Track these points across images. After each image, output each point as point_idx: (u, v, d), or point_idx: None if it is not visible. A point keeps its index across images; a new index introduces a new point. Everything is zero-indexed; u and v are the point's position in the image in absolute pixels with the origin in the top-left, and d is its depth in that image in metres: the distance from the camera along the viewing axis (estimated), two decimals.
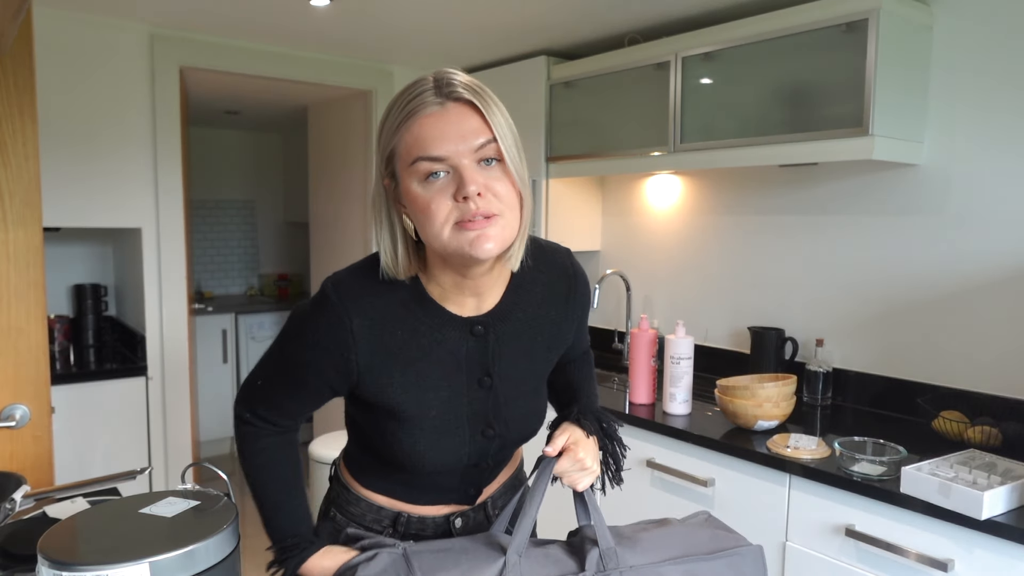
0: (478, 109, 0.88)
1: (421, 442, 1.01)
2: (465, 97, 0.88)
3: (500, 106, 0.91)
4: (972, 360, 1.99)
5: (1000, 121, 1.91)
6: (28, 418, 1.65)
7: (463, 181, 0.86)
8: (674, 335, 2.14)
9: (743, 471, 1.86)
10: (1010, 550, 1.41)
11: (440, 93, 0.88)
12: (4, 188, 1.60)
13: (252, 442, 1.08)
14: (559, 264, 1.12)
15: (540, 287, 1.08)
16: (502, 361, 1.05)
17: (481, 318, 1.02)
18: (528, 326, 1.07)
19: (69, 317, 3.19)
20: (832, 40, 1.92)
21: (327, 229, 3.88)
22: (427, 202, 0.88)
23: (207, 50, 2.80)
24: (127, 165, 2.68)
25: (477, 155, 0.88)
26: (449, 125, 0.87)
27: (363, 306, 0.96)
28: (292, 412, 1.06)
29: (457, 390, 1.02)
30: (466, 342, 1.01)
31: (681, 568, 0.81)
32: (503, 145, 0.88)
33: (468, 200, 0.86)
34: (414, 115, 0.88)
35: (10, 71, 1.59)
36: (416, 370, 0.99)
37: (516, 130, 0.93)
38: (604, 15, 2.43)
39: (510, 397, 1.06)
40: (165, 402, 2.78)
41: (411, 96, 0.89)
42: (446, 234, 0.89)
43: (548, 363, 1.12)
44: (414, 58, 3.14)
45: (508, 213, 0.90)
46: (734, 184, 2.55)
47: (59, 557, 0.78)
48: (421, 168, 0.88)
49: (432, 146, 0.87)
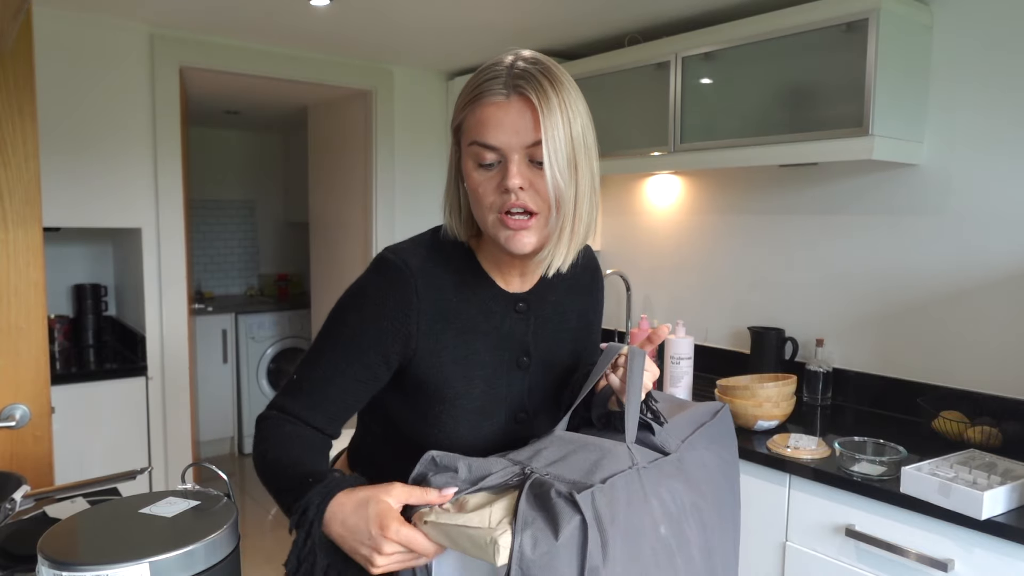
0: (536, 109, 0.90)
1: (463, 424, 1.01)
2: (528, 95, 0.90)
3: (567, 107, 0.90)
4: (972, 360, 1.99)
5: (1000, 121, 1.91)
6: (28, 418, 1.65)
7: (507, 174, 0.90)
8: (674, 335, 2.14)
9: (743, 471, 1.86)
10: (1010, 550, 1.41)
11: (508, 84, 0.91)
12: (4, 188, 1.60)
13: (274, 428, 0.99)
14: (584, 256, 1.15)
15: (570, 277, 1.10)
16: (539, 342, 1.07)
17: (524, 295, 1.06)
18: (559, 312, 1.10)
19: (69, 317, 3.19)
20: (832, 40, 1.92)
21: (327, 229, 3.88)
22: (477, 185, 0.93)
23: (207, 50, 2.80)
24: (127, 165, 2.68)
25: (528, 152, 0.90)
26: (508, 117, 0.90)
27: (424, 268, 0.99)
28: (329, 405, 0.99)
29: (498, 369, 1.04)
30: (509, 318, 1.04)
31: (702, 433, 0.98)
32: (547, 150, 0.89)
33: (509, 192, 0.90)
34: (480, 99, 0.92)
35: (10, 71, 1.59)
36: (466, 341, 1.01)
37: (588, 132, 0.93)
38: (604, 15, 2.43)
39: (542, 382, 1.08)
40: (165, 402, 2.78)
41: (484, 78, 0.92)
42: (489, 221, 0.94)
43: (574, 355, 1.14)
44: (414, 58, 3.14)
45: (547, 213, 0.93)
46: (734, 184, 2.55)
47: (59, 557, 0.78)
48: (476, 152, 0.92)
49: (488, 134, 0.91)
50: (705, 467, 0.94)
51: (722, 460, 0.98)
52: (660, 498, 0.86)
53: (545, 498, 0.79)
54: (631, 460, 0.87)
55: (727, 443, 1.01)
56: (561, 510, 0.78)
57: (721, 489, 0.96)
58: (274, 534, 3.52)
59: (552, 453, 0.88)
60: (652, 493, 0.85)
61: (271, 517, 3.71)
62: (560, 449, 0.89)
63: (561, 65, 0.98)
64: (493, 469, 0.85)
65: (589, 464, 0.85)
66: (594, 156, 0.96)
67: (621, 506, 0.81)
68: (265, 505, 3.84)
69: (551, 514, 0.78)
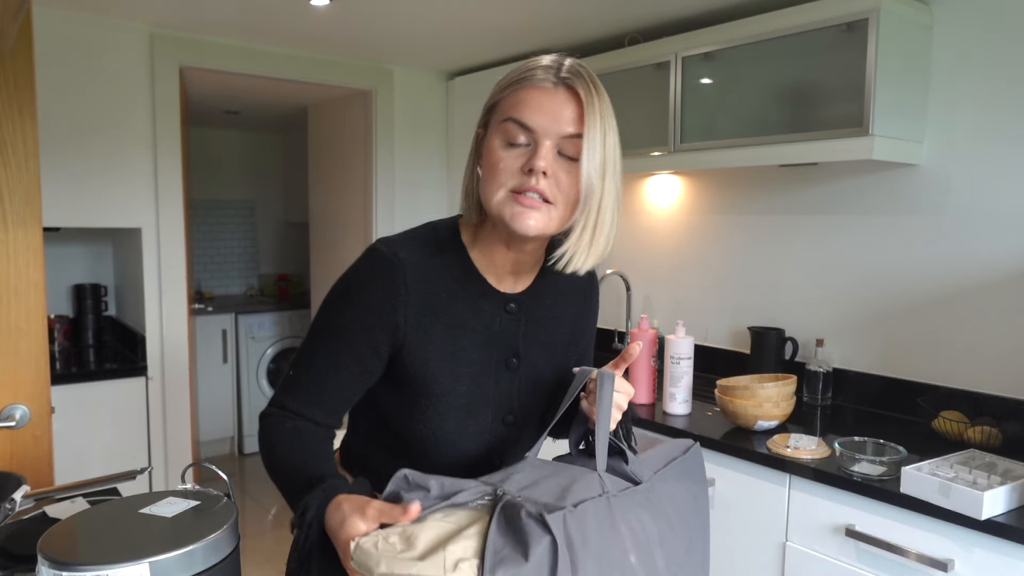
0: (581, 104, 0.91)
1: (448, 422, 1.01)
2: (576, 88, 0.91)
3: (607, 116, 0.93)
4: (972, 360, 1.99)
5: (1000, 121, 1.91)
6: (28, 418, 1.65)
7: (535, 155, 0.90)
8: (674, 335, 2.14)
9: (743, 471, 1.86)
10: (1010, 550, 1.41)
11: (558, 75, 0.92)
12: (4, 188, 1.60)
13: (277, 425, 0.99)
14: None
15: (564, 279, 1.10)
16: (529, 344, 1.07)
17: (516, 296, 1.05)
18: (553, 315, 1.10)
19: (69, 317, 3.19)
20: (832, 40, 1.92)
21: (327, 229, 3.88)
22: (497, 161, 0.93)
23: (207, 50, 2.80)
24: (127, 165, 2.68)
25: (560, 143, 0.91)
26: (551, 103, 0.91)
27: (413, 260, 0.98)
28: (327, 399, 0.99)
29: (485, 368, 1.03)
30: (500, 318, 1.04)
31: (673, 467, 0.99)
32: (586, 145, 0.91)
33: (532, 174, 0.90)
34: (527, 81, 0.93)
35: (10, 71, 1.59)
36: (454, 337, 1.01)
37: (617, 150, 0.95)
38: (604, 15, 2.43)
39: (531, 384, 1.08)
40: (165, 402, 2.78)
41: (534, 65, 0.94)
42: (500, 195, 0.93)
43: (566, 359, 1.14)
44: (414, 58, 3.14)
45: (562, 207, 0.93)
46: (734, 184, 2.55)
47: (59, 557, 0.78)
48: (509, 129, 0.92)
49: (527, 114, 0.91)
50: (674, 500, 0.95)
51: (692, 495, 0.99)
52: (630, 526, 0.86)
53: (515, 519, 0.78)
54: (601, 488, 0.87)
55: (698, 479, 1.02)
56: (531, 531, 0.77)
57: (690, 523, 0.96)
58: (274, 534, 3.52)
59: (524, 478, 0.87)
60: (622, 520, 0.85)
61: (271, 517, 3.71)
62: (532, 474, 0.88)
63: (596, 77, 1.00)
64: (464, 487, 0.84)
65: (560, 489, 0.85)
66: (620, 181, 0.97)
67: (592, 531, 0.81)
68: (265, 505, 3.84)
69: (520, 536, 0.77)
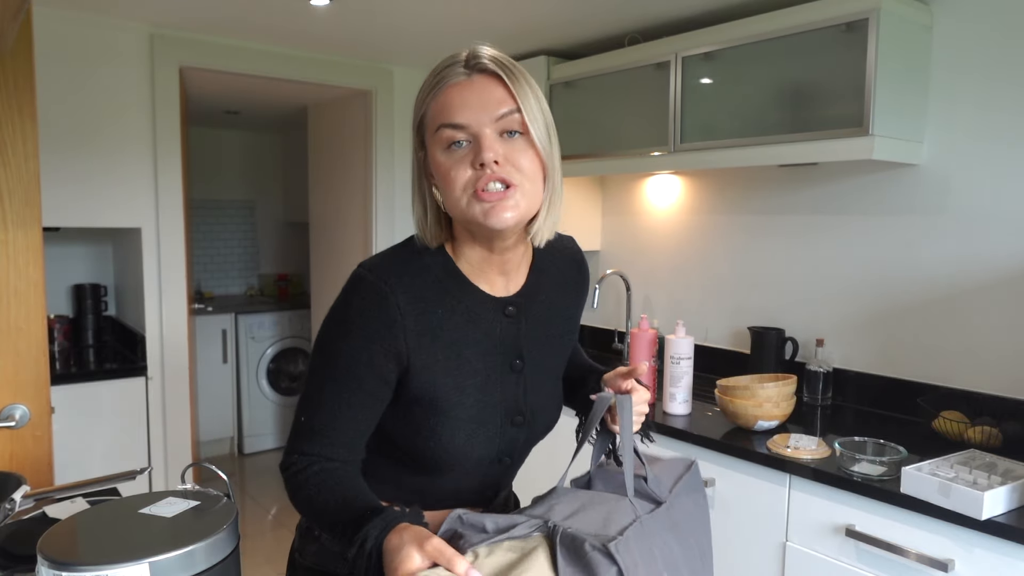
0: (503, 81, 0.90)
1: (460, 434, 0.99)
2: (491, 69, 0.90)
3: (532, 84, 0.93)
4: (972, 360, 1.99)
5: (1000, 121, 1.91)
6: (28, 418, 1.65)
7: (480, 148, 0.89)
8: (674, 335, 2.14)
9: (743, 471, 1.86)
10: (1010, 550, 1.41)
11: (468, 65, 0.91)
12: (4, 188, 1.60)
13: (304, 472, 0.96)
14: (569, 249, 1.15)
15: (556, 271, 1.10)
16: (532, 344, 1.06)
17: (512, 299, 1.03)
18: (550, 310, 1.09)
19: (69, 317, 3.19)
20: (832, 40, 1.92)
21: (327, 229, 3.88)
22: (448, 169, 0.91)
23: (207, 50, 2.80)
24: (127, 165, 2.68)
25: (499, 125, 0.90)
26: (473, 94, 0.90)
27: (403, 283, 0.96)
28: (346, 437, 0.97)
29: (490, 374, 1.02)
30: (499, 323, 1.02)
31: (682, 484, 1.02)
32: (527, 116, 0.90)
33: (484, 167, 0.89)
34: (441, 84, 0.91)
35: (10, 71, 1.59)
36: (455, 351, 0.99)
37: (549, 115, 0.95)
38: (604, 15, 2.43)
39: (537, 383, 1.07)
40: (165, 402, 2.78)
41: (441, 67, 0.93)
42: (464, 202, 0.91)
43: (566, 351, 1.13)
44: (414, 58, 3.14)
45: (528, 185, 0.92)
46: (734, 184, 2.55)
47: (59, 557, 0.78)
48: (444, 136, 0.91)
49: (455, 114, 0.90)
50: (688, 515, 0.98)
51: (699, 507, 1.03)
52: (659, 547, 0.89)
53: (580, 552, 0.82)
54: (634, 512, 0.90)
55: (700, 490, 1.06)
56: (598, 562, 0.80)
57: (702, 535, 1.01)
58: (274, 534, 3.52)
59: (565, 508, 0.90)
60: (654, 542, 0.88)
61: (271, 517, 3.71)
62: (571, 504, 0.91)
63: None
64: (517, 522, 0.87)
65: (601, 518, 0.88)
66: (557, 143, 0.96)
67: (638, 555, 0.84)
68: (265, 505, 3.84)
69: (588, 568, 0.80)
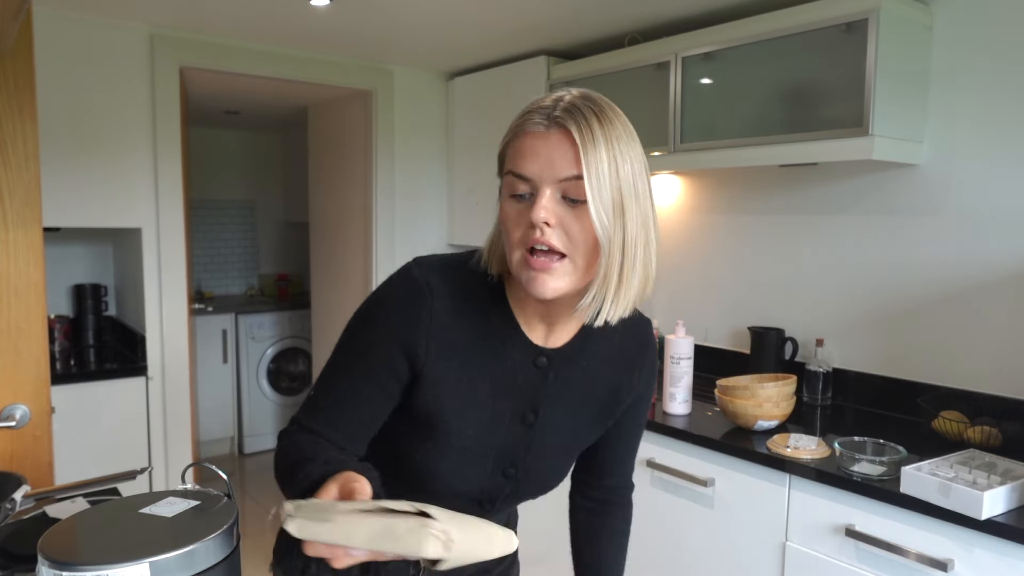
0: (577, 144, 0.84)
1: (446, 461, 0.98)
2: (568, 127, 0.85)
3: (615, 147, 0.85)
4: (972, 360, 1.99)
5: (1000, 121, 1.91)
6: (28, 418, 1.65)
7: (535, 207, 0.85)
8: (674, 335, 2.14)
9: (743, 471, 1.86)
10: (1010, 550, 1.41)
11: (550, 116, 0.86)
12: (4, 188, 1.60)
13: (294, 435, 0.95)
14: (637, 327, 1.08)
15: (610, 343, 1.04)
16: (553, 404, 1.01)
17: (549, 351, 0.99)
18: (587, 380, 1.04)
19: (69, 317, 3.19)
20: (832, 40, 1.92)
21: (327, 229, 3.88)
22: (506, 218, 0.89)
23: (207, 50, 2.80)
24: (127, 165, 2.68)
25: (561, 187, 0.85)
26: (544, 148, 0.85)
27: (445, 290, 0.95)
28: (345, 424, 0.96)
29: (499, 417, 0.99)
30: (526, 369, 0.99)
31: None
32: (589, 186, 0.84)
33: (534, 228, 0.85)
34: (521, 128, 0.88)
35: (10, 71, 1.59)
36: (470, 377, 0.96)
37: (640, 179, 0.87)
38: (604, 15, 2.43)
39: (544, 446, 1.03)
40: (165, 402, 2.78)
41: (529, 109, 0.89)
42: (515, 258, 0.89)
43: (591, 432, 1.09)
44: (414, 58, 3.14)
45: (580, 257, 0.86)
46: (734, 184, 2.55)
47: (59, 557, 0.78)
48: (510, 182, 0.88)
49: (521, 164, 0.87)
50: None
51: None
52: None
53: None
54: None
55: None
56: None
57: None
58: (274, 534, 3.51)
59: None
60: None
61: (271, 517, 3.71)
62: None
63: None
64: None
65: None
66: (648, 206, 0.88)
67: None
68: (265, 505, 3.84)
69: None
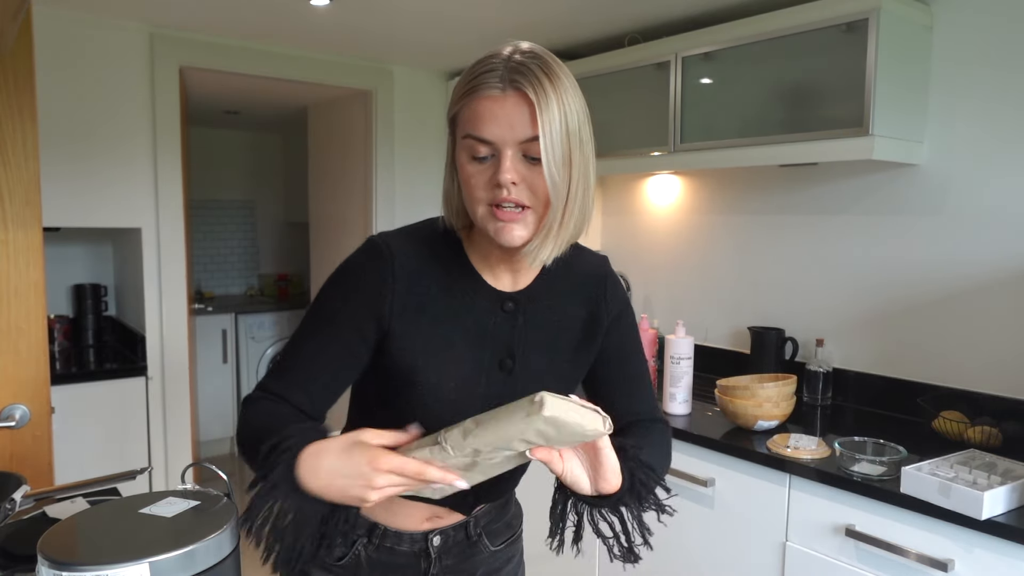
0: (533, 105, 0.89)
1: (434, 416, 0.97)
2: (524, 90, 0.89)
3: (563, 105, 0.89)
4: (972, 360, 1.99)
5: (1000, 121, 1.91)
6: (28, 418, 1.65)
7: (500, 168, 0.90)
8: (674, 335, 2.14)
9: (743, 471, 1.86)
10: (1010, 550, 1.41)
11: (504, 78, 0.89)
12: (4, 188, 1.60)
13: (256, 402, 0.98)
14: (593, 264, 1.13)
15: (570, 281, 1.09)
16: (526, 346, 1.05)
17: (513, 295, 1.04)
18: (555, 317, 1.07)
19: (69, 317, 3.19)
20: (832, 40, 1.92)
21: (327, 229, 3.88)
22: (469, 177, 0.93)
23: (207, 50, 2.80)
24: (127, 165, 2.67)
25: (522, 147, 0.90)
26: (503, 112, 0.89)
27: (406, 252, 1.01)
28: (309, 384, 0.99)
29: (477, 367, 1.02)
30: (495, 315, 1.03)
31: None
32: (543, 146, 0.88)
33: (501, 187, 0.90)
34: (476, 92, 0.91)
35: (10, 71, 1.59)
36: (442, 333, 1.00)
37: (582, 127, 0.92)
38: (604, 15, 2.43)
39: (529, 387, 1.02)
40: (165, 402, 2.78)
41: (480, 70, 0.91)
42: (480, 212, 0.94)
43: (574, 370, 1.10)
44: (414, 58, 3.14)
45: (539, 208, 0.92)
46: (734, 184, 2.55)
47: (59, 557, 0.78)
48: (470, 145, 0.92)
49: (482, 128, 0.90)
50: None
51: None
52: None
53: None
54: None
55: None
56: None
57: None
58: None
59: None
60: None
61: None
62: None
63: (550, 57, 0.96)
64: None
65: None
66: (589, 150, 0.94)
67: None
68: None
69: None
